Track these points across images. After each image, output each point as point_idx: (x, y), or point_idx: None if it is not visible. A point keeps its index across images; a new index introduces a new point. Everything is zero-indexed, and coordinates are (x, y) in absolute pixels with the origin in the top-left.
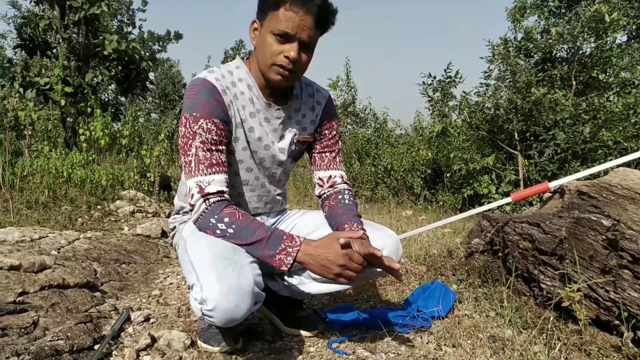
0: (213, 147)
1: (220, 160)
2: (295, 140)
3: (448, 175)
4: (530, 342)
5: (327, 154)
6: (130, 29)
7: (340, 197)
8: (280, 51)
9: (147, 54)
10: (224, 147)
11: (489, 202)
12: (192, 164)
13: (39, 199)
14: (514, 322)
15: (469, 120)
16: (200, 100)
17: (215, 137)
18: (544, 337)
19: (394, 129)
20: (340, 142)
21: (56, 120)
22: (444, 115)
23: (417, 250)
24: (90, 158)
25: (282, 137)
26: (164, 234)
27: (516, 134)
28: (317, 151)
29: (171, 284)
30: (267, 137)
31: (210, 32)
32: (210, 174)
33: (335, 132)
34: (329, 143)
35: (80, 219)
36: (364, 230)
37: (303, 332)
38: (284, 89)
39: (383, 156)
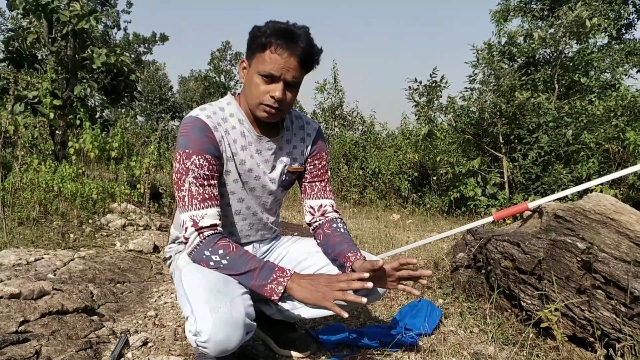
0: (205, 182)
1: (212, 194)
2: (285, 171)
3: (435, 178)
4: (511, 359)
5: (317, 183)
6: (114, 31)
7: (334, 225)
8: (267, 91)
9: (133, 55)
10: (215, 182)
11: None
12: (186, 199)
13: (30, 215)
14: (497, 338)
15: (454, 124)
16: (193, 138)
17: (207, 172)
18: (525, 354)
19: (381, 131)
20: (329, 171)
21: (44, 134)
22: (430, 120)
23: None
24: (80, 170)
25: (273, 168)
26: (155, 248)
27: (501, 137)
28: (307, 180)
29: (165, 303)
30: (259, 168)
31: (196, 33)
32: (203, 208)
33: (325, 163)
34: (319, 173)
35: (72, 235)
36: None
37: (295, 354)
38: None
39: (370, 159)
